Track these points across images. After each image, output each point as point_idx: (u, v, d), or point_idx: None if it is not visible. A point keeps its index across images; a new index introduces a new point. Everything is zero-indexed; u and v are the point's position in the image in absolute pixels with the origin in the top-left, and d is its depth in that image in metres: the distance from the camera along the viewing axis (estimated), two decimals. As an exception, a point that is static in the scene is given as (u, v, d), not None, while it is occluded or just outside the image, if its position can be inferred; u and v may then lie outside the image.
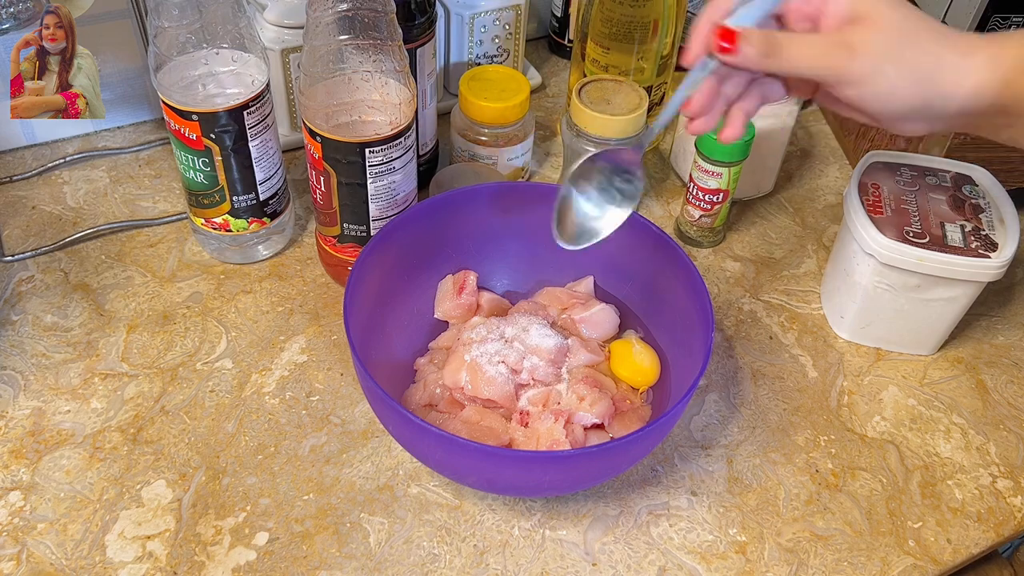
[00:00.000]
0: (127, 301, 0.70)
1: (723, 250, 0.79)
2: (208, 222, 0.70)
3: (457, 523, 0.58)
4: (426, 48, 0.72)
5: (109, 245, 0.74)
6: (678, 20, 0.80)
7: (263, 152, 0.67)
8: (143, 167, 0.81)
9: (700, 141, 0.72)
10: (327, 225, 0.68)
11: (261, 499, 0.59)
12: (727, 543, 0.58)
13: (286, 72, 0.77)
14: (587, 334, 0.65)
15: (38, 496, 0.58)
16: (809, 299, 0.75)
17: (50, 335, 0.67)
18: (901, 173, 0.70)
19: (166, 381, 0.65)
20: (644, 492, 0.61)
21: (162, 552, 0.55)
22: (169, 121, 0.64)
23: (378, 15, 0.58)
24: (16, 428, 0.61)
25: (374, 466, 0.61)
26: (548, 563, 0.57)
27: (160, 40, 0.61)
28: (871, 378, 0.69)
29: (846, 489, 0.62)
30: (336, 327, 0.69)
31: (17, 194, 0.78)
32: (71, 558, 0.55)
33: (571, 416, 0.59)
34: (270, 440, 0.62)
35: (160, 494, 0.58)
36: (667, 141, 0.89)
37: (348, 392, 0.65)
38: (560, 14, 0.97)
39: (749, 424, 0.65)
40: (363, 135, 0.61)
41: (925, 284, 0.66)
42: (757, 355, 0.70)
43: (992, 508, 0.62)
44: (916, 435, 0.66)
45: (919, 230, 0.65)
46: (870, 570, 0.58)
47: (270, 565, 0.55)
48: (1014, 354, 0.72)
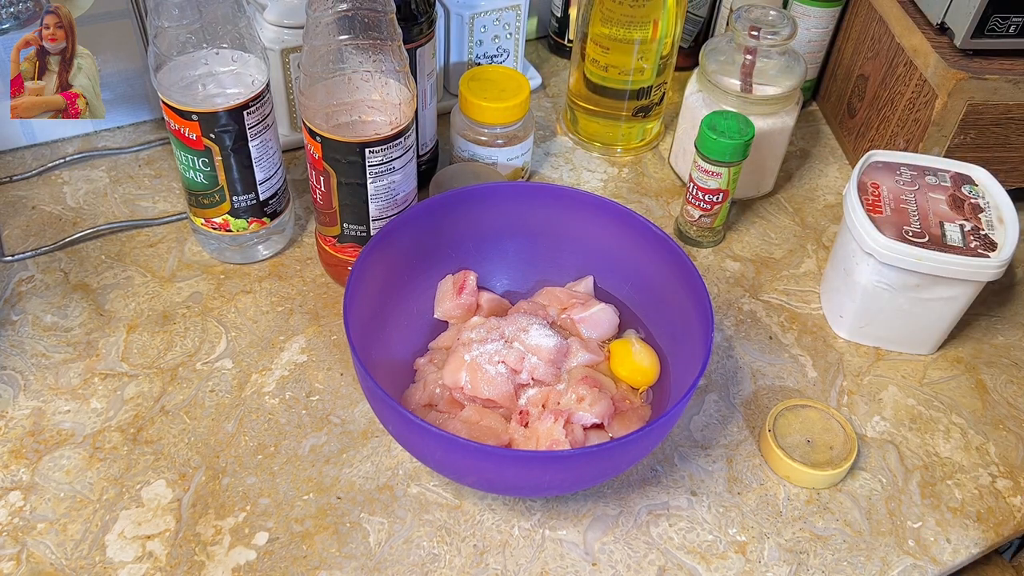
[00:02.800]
0: (127, 301, 0.70)
1: (723, 250, 0.79)
2: (208, 222, 0.70)
3: (457, 523, 0.58)
4: (426, 48, 0.72)
5: (109, 245, 0.74)
6: (678, 20, 0.80)
7: (263, 152, 0.67)
8: (143, 167, 0.81)
9: (700, 141, 0.72)
10: (327, 225, 0.68)
11: (261, 499, 0.59)
12: (727, 543, 0.59)
13: (286, 72, 0.77)
14: (587, 334, 0.65)
15: (38, 496, 0.58)
16: (809, 299, 0.75)
17: (50, 335, 0.67)
18: (901, 172, 0.70)
19: (166, 381, 0.65)
20: (644, 492, 0.61)
21: (162, 552, 0.55)
22: (169, 121, 0.64)
23: (378, 15, 0.58)
24: (16, 428, 0.61)
25: (374, 466, 0.61)
26: (548, 563, 0.57)
27: (160, 40, 0.61)
28: (871, 378, 0.69)
29: (846, 489, 0.62)
30: (336, 327, 0.69)
31: (17, 194, 0.78)
32: (71, 558, 0.55)
33: (571, 416, 0.59)
34: (270, 440, 0.62)
35: (160, 494, 0.58)
36: (666, 141, 0.89)
37: (348, 392, 0.65)
38: (560, 14, 0.97)
39: (749, 424, 0.65)
40: (363, 135, 0.61)
41: (924, 283, 0.66)
42: (757, 355, 0.70)
43: (992, 508, 0.62)
44: (916, 435, 0.66)
45: (918, 229, 0.65)
46: (870, 570, 0.58)
47: (270, 565, 0.55)
48: (1014, 354, 0.72)
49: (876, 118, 0.84)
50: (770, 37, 0.74)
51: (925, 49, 0.77)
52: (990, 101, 0.75)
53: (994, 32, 0.74)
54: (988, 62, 0.75)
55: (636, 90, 0.82)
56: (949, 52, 0.75)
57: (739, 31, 0.75)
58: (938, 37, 0.77)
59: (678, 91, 0.93)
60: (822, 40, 0.90)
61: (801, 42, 0.88)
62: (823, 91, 0.95)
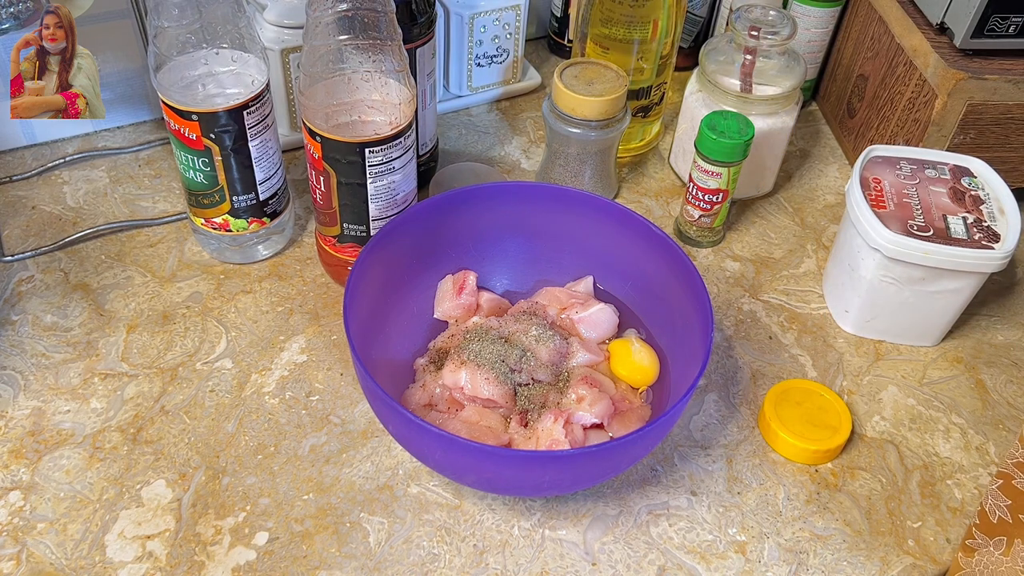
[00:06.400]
0: (127, 301, 0.70)
1: (723, 250, 0.79)
2: (208, 222, 0.70)
3: (457, 523, 0.58)
4: (426, 48, 0.72)
5: (109, 245, 0.74)
6: (678, 20, 0.80)
7: (263, 152, 0.67)
8: (143, 167, 0.81)
9: (700, 141, 0.72)
10: (327, 225, 0.68)
11: (261, 499, 0.59)
12: (727, 543, 0.59)
13: (286, 72, 0.77)
14: (586, 334, 0.65)
15: (38, 496, 0.58)
16: (809, 299, 0.75)
17: (50, 335, 0.67)
18: (901, 167, 0.71)
19: (166, 381, 0.65)
20: (644, 492, 0.61)
21: (162, 552, 0.55)
22: (169, 121, 0.64)
23: (378, 15, 0.58)
24: (16, 428, 0.61)
25: (374, 466, 0.61)
26: (548, 563, 0.57)
27: (160, 40, 0.61)
28: (870, 378, 0.69)
29: (845, 489, 0.62)
30: (336, 327, 0.69)
31: (17, 194, 0.78)
32: (71, 558, 0.55)
33: (571, 416, 0.59)
34: (270, 440, 0.62)
35: (160, 494, 0.58)
36: (666, 141, 0.89)
37: (348, 392, 0.65)
38: (560, 14, 0.97)
39: (749, 424, 0.65)
40: (363, 135, 0.61)
41: (930, 277, 0.66)
42: (757, 355, 0.70)
43: (992, 508, 0.62)
44: (915, 435, 0.66)
45: (923, 223, 0.66)
46: (870, 570, 0.58)
47: (270, 565, 0.55)
48: (1014, 354, 0.72)
49: (876, 118, 0.84)
50: (770, 37, 0.74)
51: (925, 49, 0.77)
52: (990, 101, 0.75)
53: (994, 32, 0.74)
54: (988, 62, 0.75)
55: (636, 90, 0.82)
56: (949, 52, 0.75)
57: (739, 31, 0.75)
58: (938, 37, 0.77)
59: (678, 91, 0.93)
60: (822, 40, 0.90)
61: (801, 42, 0.88)
62: (823, 91, 0.95)
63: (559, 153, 0.78)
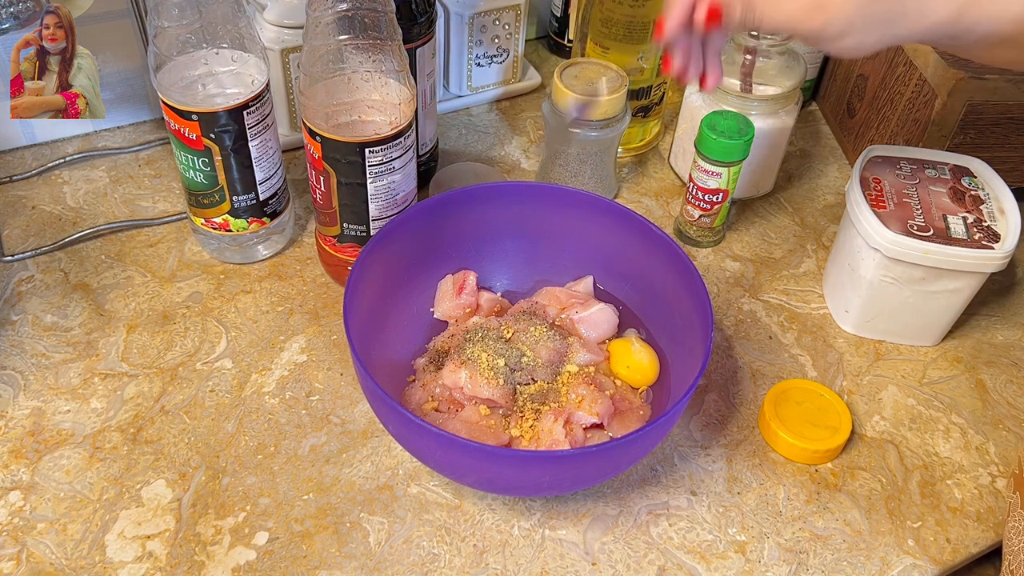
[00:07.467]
0: (127, 301, 0.70)
1: (723, 250, 0.79)
2: (208, 222, 0.70)
3: (457, 523, 0.58)
4: (426, 48, 0.72)
5: (109, 245, 0.74)
6: (678, 20, 0.80)
7: (263, 152, 0.67)
8: (143, 167, 0.81)
9: (700, 141, 0.72)
10: (327, 225, 0.68)
11: (261, 499, 0.59)
12: (727, 543, 0.59)
13: (286, 72, 0.77)
14: (586, 334, 0.65)
15: (38, 496, 0.58)
16: (809, 299, 0.75)
17: (50, 335, 0.67)
18: (901, 167, 0.71)
19: (166, 381, 0.65)
20: (644, 492, 0.61)
21: (162, 552, 0.55)
22: (169, 121, 0.64)
23: (378, 15, 0.58)
24: (16, 428, 0.61)
25: (374, 466, 0.61)
26: (548, 563, 0.57)
27: (160, 40, 0.61)
28: (870, 378, 0.69)
29: (845, 489, 0.62)
30: (336, 327, 0.69)
31: (17, 194, 0.78)
32: (71, 558, 0.55)
33: (571, 416, 0.59)
34: (270, 440, 0.62)
35: (160, 494, 0.58)
36: (666, 141, 0.89)
37: (348, 392, 0.65)
38: (560, 14, 0.97)
39: (749, 424, 0.65)
40: (363, 135, 0.61)
41: (930, 277, 0.66)
42: (757, 355, 0.70)
43: (991, 508, 0.62)
44: (915, 435, 0.66)
45: (923, 223, 0.66)
46: (869, 570, 0.58)
47: (270, 565, 0.55)
48: (1013, 354, 0.72)
49: (876, 118, 0.84)
50: (770, 37, 0.74)
51: (924, 49, 0.77)
52: (990, 101, 0.75)
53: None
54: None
55: (636, 90, 0.82)
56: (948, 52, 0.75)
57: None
58: (938, 37, 0.77)
59: (678, 91, 0.93)
60: (822, 40, 0.89)
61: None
62: (823, 91, 0.95)
63: (559, 153, 0.78)
